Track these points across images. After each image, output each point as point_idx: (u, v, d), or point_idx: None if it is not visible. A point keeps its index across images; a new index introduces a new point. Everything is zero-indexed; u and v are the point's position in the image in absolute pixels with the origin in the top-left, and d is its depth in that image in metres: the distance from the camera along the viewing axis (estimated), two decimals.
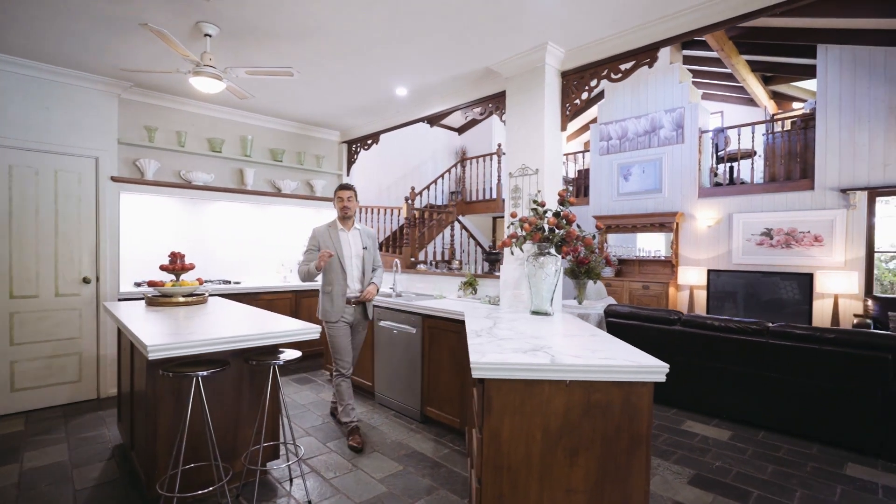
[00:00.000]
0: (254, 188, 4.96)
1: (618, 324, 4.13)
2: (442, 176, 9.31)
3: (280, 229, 5.49)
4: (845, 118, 5.74)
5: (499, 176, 8.67)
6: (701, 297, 6.85)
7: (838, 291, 5.55)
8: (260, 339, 2.15)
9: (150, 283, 3.16)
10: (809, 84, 8.21)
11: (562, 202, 3.09)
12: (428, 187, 9.06)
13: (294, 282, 5.39)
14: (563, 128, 3.44)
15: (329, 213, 5.68)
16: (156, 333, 2.09)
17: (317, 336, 2.34)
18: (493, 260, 6.12)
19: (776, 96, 8.70)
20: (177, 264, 3.23)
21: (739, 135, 6.84)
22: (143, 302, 3.21)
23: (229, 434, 2.47)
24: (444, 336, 3.29)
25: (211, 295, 3.98)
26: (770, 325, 3.37)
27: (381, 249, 8.39)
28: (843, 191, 5.69)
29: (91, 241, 3.94)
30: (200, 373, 2.03)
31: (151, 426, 2.23)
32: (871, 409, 2.98)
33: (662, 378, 1.67)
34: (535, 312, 3.01)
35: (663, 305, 6.97)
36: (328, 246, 3.13)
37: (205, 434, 2.29)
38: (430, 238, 8.39)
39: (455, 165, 9.62)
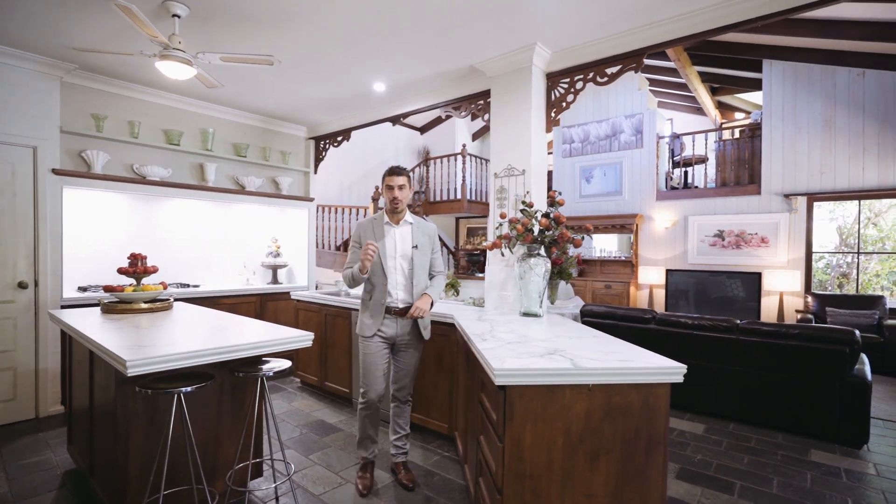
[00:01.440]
0: (215, 185, 4.62)
1: (594, 323, 4.21)
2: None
3: (243, 229, 5.17)
4: (787, 129, 6.21)
5: (463, 176, 8.66)
6: (660, 295, 7.18)
7: (783, 289, 6.00)
8: (251, 349, 1.97)
9: (107, 288, 2.84)
10: (750, 96, 8.84)
11: (552, 203, 3.10)
12: None
13: (258, 284, 5.10)
14: (549, 129, 3.46)
15: (294, 213, 5.42)
16: (129, 346, 1.86)
17: (310, 343, 2.19)
18: (474, 261, 6.09)
19: (721, 106, 9.30)
20: (138, 267, 2.93)
21: (694, 141, 7.23)
22: (97, 309, 2.89)
23: (209, 453, 2.25)
24: (431, 339, 3.20)
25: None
26: (739, 322, 3.56)
27: (339, 251, 8.12)
28: (786, 196, 6.15)
29: (28, 241, 3.50)
30: (183, 388, 1.83)
31: (122, 448, 1.99)
32: (830, 399, 3.21)
33: (680, 378, 1.68)
34: (525, 314, 2.99)
35: (625, 304, 7.24)
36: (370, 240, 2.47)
37: (183, 455, 2.07)
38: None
39: (419, 165, 9.52)
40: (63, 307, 3.57)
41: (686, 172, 7.53)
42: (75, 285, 3.94)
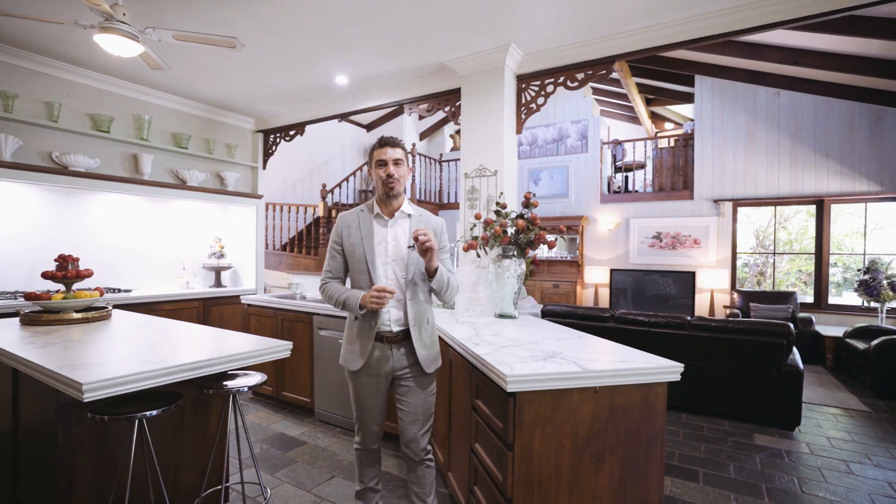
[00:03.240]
0: (152, 178, 4.16)
1: (556, 322, 4.30)
2: (354, 174, 8.92)
3: (183, 227, 4.71)
4: (716, 139, 6.78)
5: (413, 176, 8.57)
6: (604, 293, 7.55)
7: (713, 287, 6.53)
8: (227, 362, 1.76)
9: (29, 296, 2.43)
10: (680, 108, 9.58)
11: (526, 205, 3.12)
12: (340, 185, 8.59)
13: (199, 287, 4.67)
14: (519, 131, 3.48)
15: (240, 211, 5.03)
16: (72, 365, 1.58)
17: (288, 353, 2.00)
18: None
19: (654, 116, 9.99)
20: (68, 271, 2.54)
21: (634, 148, 7.68)
22: (14, 320, 2.47)
23: (170, 481, 1.99)
24: None
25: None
26: (690, 319, 3.80)
27: (285, 251, 7.70)
28: (716, 201, 6.71)
29: None
30: (148, 412, 1.59)
31: (64, 485, 1.69)
32: (769, 387, 3.52)
33: (678, 377, 1.73)
34: (500, 315, 2.99)
35: (572, 302, 7.53)
36: (354, 244, 1.89)
37: (141, 488, 1.81)
38: None
39: (366, 163, 9.27)
40: None
41: (627, 177, 7.98)
42: None
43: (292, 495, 2.46)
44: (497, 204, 3.11)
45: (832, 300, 6.28)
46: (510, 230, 3.05)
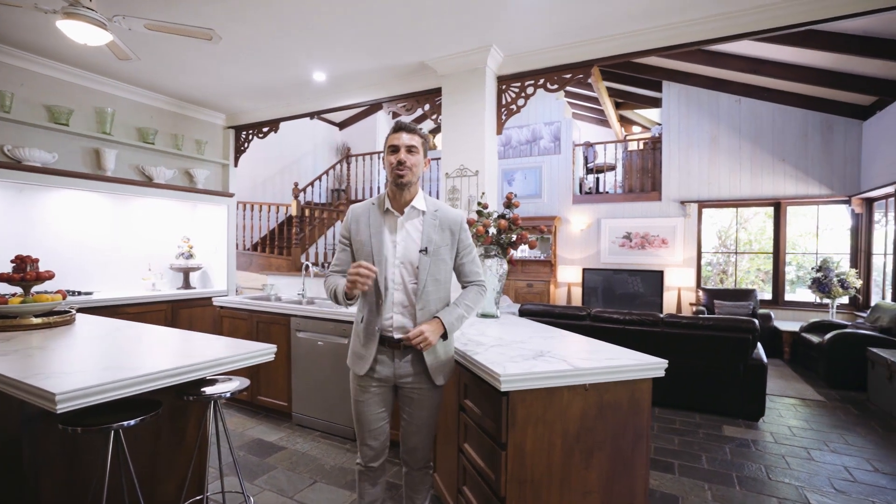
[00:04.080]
0: (116, 174, 3.96)
1: (534, 321, 4.36)
2: (326, 172, 8.77)
3: (149, 226, 4.50)
4: (682, 143, 7.04)
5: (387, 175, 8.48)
6: (577, 292, 7.71)
7: (680, 285, 6.79)
8: (212, 366, 1.69)
9: None
10: (647, 113, 9.90)
11: (508, 205, 3.14)
12: (312, 183, 8.43)
13: (165, 289, 4.47)
14: (499, 132, 3.51)
15: (210, 210, 4.86)
16: (40, 374, 1.49)
17: (272, 357, 1.94)
18: None
19: (622, 120, 10.28)
20: (27, 273, 2.38)
21: (605, 150, 7.88)
22: None
23: (146, 493, 1.90)
24: None
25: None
26: (662, 316, 3.93)
27: (256, 251, 7.49)
28: (682, 202, 6.97)
29: None
30: (125, 422, 1.51)
31: (31, 502, 1.59)
32: (735, 380, 3.69)
33: (662, 373, 1.79)
34: (483, 315, 3.01)
35: (545, 301, 7.65)
36: (362, 241, 1.73)
37: (119, 501, 1.72)
38: (312, 239, 7.82)
39: (340, 162, 9.15)
40: None
41: (598, 179, 8.18)
42: None
43: (274, 503, 2.39)
44: (479, 204, 3.13)
45: (788, 297, 6.64)
46: (492, 230, 3.08)
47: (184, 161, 4.54)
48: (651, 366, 1.77)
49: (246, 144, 4.93)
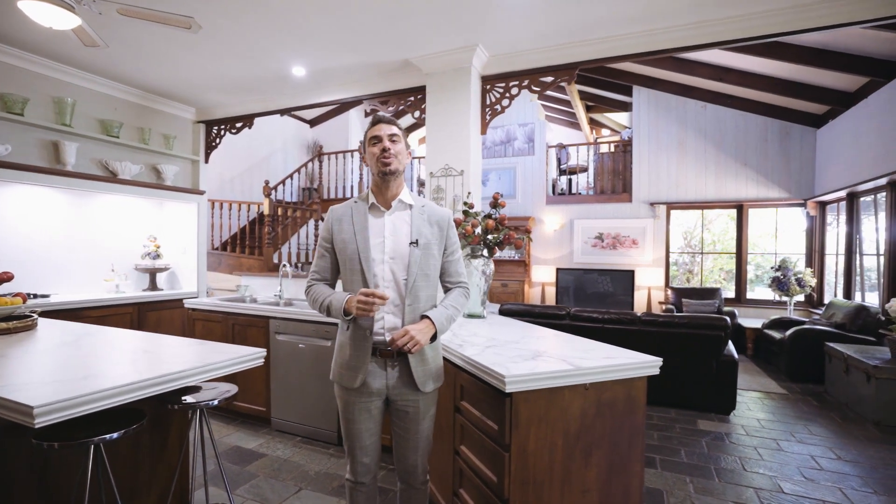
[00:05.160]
0: (76, 169, 3.71)
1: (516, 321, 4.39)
2: (298, 171, 8.56)
3: (113, 225, 4.24)
4: (652, 146, 7.27)
5: (361, 174, 8.41)
6: (550, 292, 7.83)
7: (650, 284, 7.00)
8: (200, 373, 1.59)
9: None
10: (617, 116, 10.17)
11: (494, 205, 3.14)
12: (284, 181, 8.20)
13: (130, 291, 4.23)
14: (483, 132, 3.50)
15: (178, 208, 4.63)
16: (16, 384, 1.37)
17: (262, 361, 1.86)
18: None
19: (592, 123, 10.53)
20: None
21: (578, 152, 8.04)
22: None
23: None
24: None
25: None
26: (640, 315, 4.04)
27: (225, 250, 7.22)
28: (652, 204, 7.20)
29: None
30: (107, 435, 1.41)
31: None
32: (708, 376, 3.83)
33: (657, 371, 1.82)
34: (470, 315, 2.99)
35: (520, 301, 7.73)
36: (345, 240, 1.66)
37: None
38: (285, 238, 7.61)
39: (311, 160, 8.95)
40: None
41: (570, 180, 8.34)
42: None
43: None
44: (465, 204, 3.11)
45: (749, 295, 6.97)
46: (478, 230, 3.07)
47: (151, 156, 4.31)
48: (647, 364, 1.80)
49: (218, 140, 4.73)
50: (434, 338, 1.64)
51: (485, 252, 3.06)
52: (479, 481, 1.79)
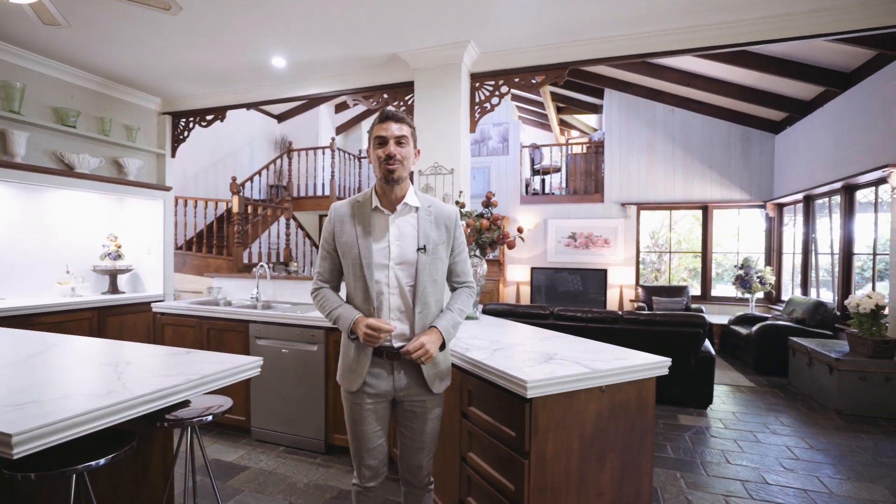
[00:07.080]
0: (26, 161, 3.37)
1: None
2: (266, 167, 8.24)
3: (69, 223, 3.90)
4: (623, 148, 7.46)
5: (332, 171, 8.18)
6: (525, 291, 7.89)
7: (622, 283, 7.19)
8: (195, 386, 1.45)
9: None
10: (586, 118, 10.39)
11: (487, 204, 3.10)
12: (252, 178, 7.86)
13: (88, 295, 3.91)
14: (472, 130, 3.45)
15: (142, 205, 4.32)
16: None
17: (258, 371, 1.73)
18: None
19: (562, 124, 10.71)
20: None
21: (551, 152, 8.14)
22: None
23: None
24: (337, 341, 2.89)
25: None
26: (621, 313, 4.11)
27: (191, 250, 6.84)
28: (623, 204, 7.39)
29: None
30: (93, 462, 1.26)
31: None
32: (687, 372, 3.94)
33: (666, 371, 1.83)
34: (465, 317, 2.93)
35: (496, 300, 7.75)
36: (348, 244, 1.59)
37: None
38: (254, 237, 7.29)
39: (280, 157, 8.63)
40: None
41: (543, 180, 8.44)
42: None
43: None
44: (456, 203, 3.05)
45: (713, 292, 7.28)
46: (469, 231, 3.02)
47: (112, 149, 3.99)
48: (658, 364, 1.81)
49: (186, 133, 4.45)
50: (443, 347, 1.61)
51: (477, 252, 3.02)
52: (491, 489, 1.73)
